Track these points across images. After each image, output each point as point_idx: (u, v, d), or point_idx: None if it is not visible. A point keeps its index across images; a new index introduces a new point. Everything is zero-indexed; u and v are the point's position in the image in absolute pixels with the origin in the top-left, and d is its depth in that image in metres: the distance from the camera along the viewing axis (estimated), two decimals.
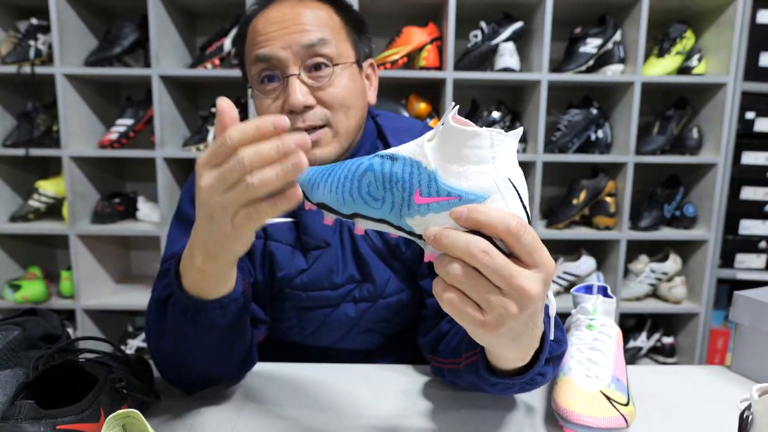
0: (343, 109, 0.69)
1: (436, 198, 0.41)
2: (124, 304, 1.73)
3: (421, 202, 0.42)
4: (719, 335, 1.82)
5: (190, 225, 0.52)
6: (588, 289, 0.75)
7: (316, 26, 0.67)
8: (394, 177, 0.43)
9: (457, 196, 0.40)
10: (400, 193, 0.43)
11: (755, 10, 1.67)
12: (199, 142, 1.69)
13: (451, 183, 0.40)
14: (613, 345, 0.66)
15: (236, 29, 0.72)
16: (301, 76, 0.67)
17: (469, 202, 0.40)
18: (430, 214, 0.41)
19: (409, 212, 0.43)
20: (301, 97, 0.66)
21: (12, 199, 1.80)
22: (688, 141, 1.75)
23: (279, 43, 0.66)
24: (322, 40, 0.67)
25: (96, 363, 0.57)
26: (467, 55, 1.68)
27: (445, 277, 0.40)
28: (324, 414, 0.65)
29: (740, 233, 1.79)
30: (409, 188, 0.42)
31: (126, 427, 0.46)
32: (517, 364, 0.50)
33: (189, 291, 0.54)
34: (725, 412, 0.66)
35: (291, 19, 0.67)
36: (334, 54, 0.68)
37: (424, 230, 0.42)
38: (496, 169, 0.40)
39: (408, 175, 0.42)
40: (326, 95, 0.68)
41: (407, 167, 0.42)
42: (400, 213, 0.43)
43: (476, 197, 0.40)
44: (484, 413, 0.65)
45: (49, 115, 1.74)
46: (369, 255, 0.76)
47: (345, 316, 0.77)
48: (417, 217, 0.42)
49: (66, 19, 1.61)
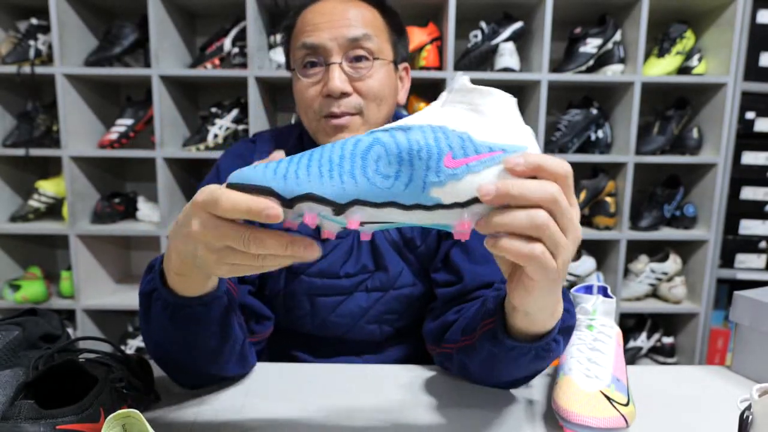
0: (376, 101, 0.74)
1: (476, 156, 0.39)
2: (124, 304, 1.73)
3: (455, 165, 0.39)
4: (719, 335, 1.82)
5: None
6: (588, 289, 0.75)
7: (362, 23, 0.72)
8: (414, 146, 0.39)
9: (501, 150, 0.39)
10: (425, 161, 0.39)
11: (755, 10, 1.67)
12: (199, 142, 1.69)
13: (488, 139, 0.39)
14: (613, 345, 0.66)
15: (285, 22, 0.79)
16: (342, 64, 0.71)
17: (514, 152, 0.39)
18: (468, 175, 0.39)
19: (438, 180, 0.39)
20: (340, 83, 0.70)
21: (12, 199, 1.80)
22: (688, 141, 1.75)
23: (326, 34, 0.70)
24: (366, 35, 0.71)
25: (96, 363, 0.57)
26: (467, 55, 1.68)
27: (516, 228, 0.39)
28: (324, 414, 0.65)
29: (740, 233, 1.79)
30: (437, 154, 0.39)
31: (126, 427, 0.46)
32: (542, 327, 0.52)
33: (171, 287, 0.54)
34: (725, 412, 0.66)
35: (339, 13, 0.71)
36: (375, 49, 0.72)
37: (455, 198, 0.39)
38: (522, 123, 0.41)
39: (434, 141, 0.39)
40: (363, 86, 0.72)
41: (429, 133, 0.39)
42: (423, 186, 0.39)
43: (518, 148, 0.39)
44: (485, 413, 0.65)
45: (49, 115, 1.74)
46: (384, 246, 0.78)
47: (356, 305, 0.79)
48: (450, 183, 0.39)
49: (66, 19, 1.61)
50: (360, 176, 0.40)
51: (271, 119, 1.82)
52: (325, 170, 0.40)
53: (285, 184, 0.40)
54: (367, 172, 0.40)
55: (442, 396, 0.69)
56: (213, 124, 1.71)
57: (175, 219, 1.33)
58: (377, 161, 0.40)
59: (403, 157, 0.39)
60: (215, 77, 1.69)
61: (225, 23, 1.74)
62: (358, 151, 0.40)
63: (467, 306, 0.70)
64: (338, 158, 0.40)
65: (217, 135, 1.71)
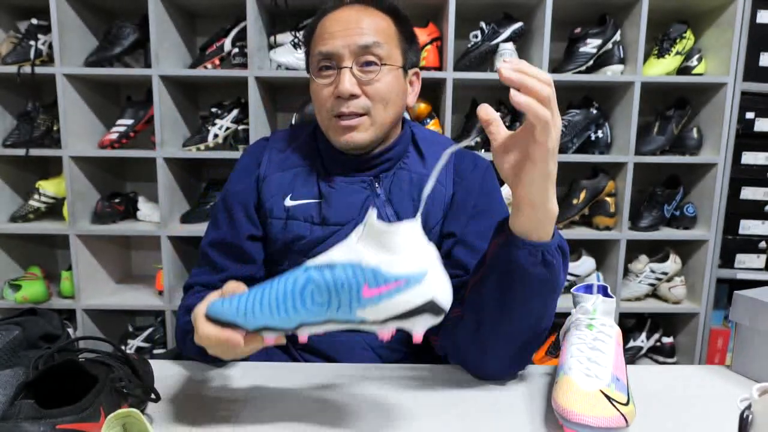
0: (383, 102, 0.80)
1: (386, 286, 0.49)
2: (124, 304, 1.73)
3: (371, 294, 0.49)
4: (719, 335, 1.82)
5: (230, 217, 0.82)
6: (588, 288, 0.75)
7: (374, 31, 0.78)
8: (339, 281, 0.50)
9: (404, 279, 0.48)
10: (347, 292, 0.50)
11: (755, 10, 1.66)
12: (200, 142, 1.69)
13: (394, 270, 0.49)
14: (613, 344, 0.66)
15: (309, 22, 0.86)
16: (353, 69, 0.77)
17: (416, 281, 0.49)
18: (383, 301, 0.49)
19: (361, 305, 0.50)
20: (349, 86, 0.76)
21: (12, 199, 1.80)
22: (688, 141, 1.75)
23: (339, 42, 0.77)
24: (377, 42, 0.77)
25: (96, 363, 0.57)
26: (467, 55, 1.68)
27: (535, 86, 0.51)
28: (324, 414, 0.65)
29: (740, 233, 1.79)
30: (356, 286, 0.49)
31: (126, 427, 0.46)
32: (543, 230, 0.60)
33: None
34: (725, 412, 0.66)
35: (354, 21, 0.78)
36: (385, 56, 0.79)
37: (375, 316, 0.50)
38: (425, 245, 0.50)
39: (353, 276, 0.50)
40: (371, 89, 0.78)
41: (349, 270, 0.50)
42: (350, 309, 0.51)
43: (418, 275, 0.49)
44: (485, 413, 0.65)
45: (49, 115, 1.74)
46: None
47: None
48: (369, 307, 0.50)
49: (66, 19, 1.61)
50: (300, 308, 0.52)
51: (271, 119, 1.82)
52: (274, 307, 0.53)
53: (245, 320, 0.54)
54: (305, 304, 0.52)
55: (442, 396, 0.69)
56: (213, 124, 1.71)
57: (175, 219, 1.45)
58: (312, 295, 0.51)
59: (331, 289, 0.50)
60: (215, 77, 1.69)
61: (225, 23, 1.73)
62: (297, 289, 0.52)
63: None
64: (282, 296, 0.52)
65: (218, 135, 1.71)
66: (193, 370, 0.77)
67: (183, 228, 1.70)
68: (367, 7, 0.81)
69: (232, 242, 0.83)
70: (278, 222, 0.83)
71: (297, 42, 1.65)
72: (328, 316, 0.52)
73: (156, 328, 1.83)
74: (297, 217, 0.82)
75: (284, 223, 0.83)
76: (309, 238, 0.82)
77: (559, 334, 0.74)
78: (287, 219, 0.83)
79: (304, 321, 0.53)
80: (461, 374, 0.76)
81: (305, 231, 0.82)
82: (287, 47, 1.65)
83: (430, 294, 0.49)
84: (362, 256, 0.50)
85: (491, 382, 0.73)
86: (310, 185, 0.84)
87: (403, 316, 0.50)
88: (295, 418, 0.64)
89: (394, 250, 0.49)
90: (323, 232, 0.82)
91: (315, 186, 0.84)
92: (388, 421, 0.63)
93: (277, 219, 0.83)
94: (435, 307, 0.50)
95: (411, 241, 0.50)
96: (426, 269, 0.49)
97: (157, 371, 0.70)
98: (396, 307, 0.49)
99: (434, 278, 0.50)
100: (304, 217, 0.82)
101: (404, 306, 0.49)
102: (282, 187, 0.84)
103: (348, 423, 0.63)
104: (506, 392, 0.71)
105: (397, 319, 0.51)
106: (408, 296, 0.49)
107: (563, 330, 0.73)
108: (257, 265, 0.85)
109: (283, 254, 0.84)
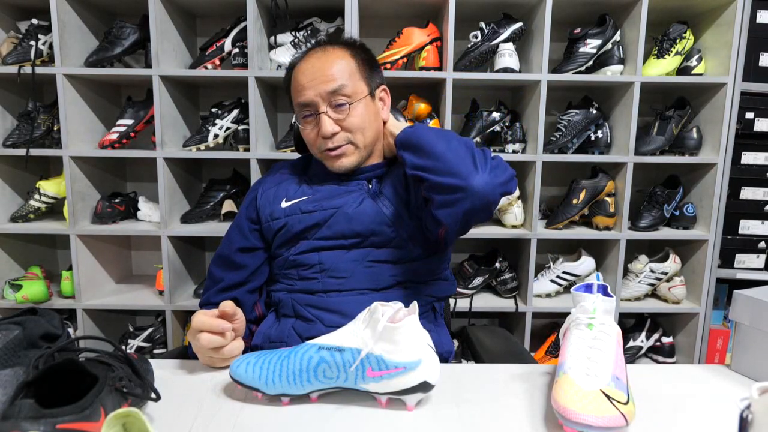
0: (360, 131, 0.94)
1: (387, 371, 0.63)
2: (124, 304, 1.73)
3: (374, 375, 0.63)
4: (719, 335, 1.82)
5: (228, 240, 1.00)
6: (588, 288, 0.75)
7: (338, 75, 0.92)
8: (347, 363, 0.64)
9: (403, 366, 0.63)
10: (354, 372, 0.64)
11: (755, 10, 1.67)
12: (200, 142, 1.69)
13: (395, 359, 0.63)
14: (613, 344, 0.66)
15: (285, 76, 1.02)
16: (328, 112, 0.92)
17: (412, 368, 0.63)
18: (384, 380, 0.63)
19: (365, 381, 0.64)
20: (329, 127, 0.92)
21: (12, 199, 1.80)
22: (688, 141, 1.75)
23: (311, 92, 0.92)
24: (342, 85, 0.91)
25: (96, 362, 0.57)
26: (467, 55, 1.68)
27: None
28: (324, 413, 0.65)
29: (740, 233, 1.79)
30: (362, 368, 0.63)
31: (126, 426, 0.46)
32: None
33: None
34: (725, 411, 0.66)
35: (319, 70, 0.92)
36: (351, 92, 0.92)
37: (377, 390, 0.64)
38: (422, 336, 0.65)
39: (359, 360, 0.63)
40: (347, 123, 0.93)
41: (357, 355, 0.63)
42: (356, 382, 0.65)
43: (416, 363, 0.63)
44: (485, 412, 0.65)
45: (49, 115, 1.74)
46: (389, 210, 0.94)
47: (357, 252, 0.94)
48: (372, 383, 0.64)
49: (66, 19, 1.61)
50: (314, 380, 0.65)
51: (271, 119, 1.82)
52: (291, 380, 0.65)
53: (266, 387, 0.66)
54: (318, 377, 0.65)
55: (442, 395, 0.69)
56: (213, 124, 1.71)
57: (175, 219, 1.53)
58: (324, 372, 0.65)
59: (340, 368, 0.64)
60: (215, 77, 1.69)
61: (225, 24, 1.74)
62: (311, 366, 0.65)
63: None
64: (298, 371, 0.65)
65: (218, 135, 1.71)
66: (193, 370, 0.77)
67: (183, 228, 1.70)
68: (326, 50, 0.95)
69: (227, 255, 0.99)
70: (279, 221, 0.96)
71: (297, 42, 1.65)
72: (336, 385, 0.66)
73: (156, 328, 1.83)
74: (295, 212, 0.96)
75: (285, 220, 0.96)
76: (308, 223, 0.94)
77: (559, 333, 0.74)
78: (287, 216, 0.96)
79: (315, 389, 0.66)
80: (461, 374, 0.76)
81: (306, 219, 0.94)
82: (287, 47, 1.65)
83: (424, 377, 0.63)
84: (368, 344, 0.63)
85: (491, 382, 0.73)
86: (302, 191, 0.99)
87: (400, 392, 0.64)
88: (295, 418, 0.64)
89: (396, 342, 0.62)
90: (322, 216, 0.94)
91: (307, 188, 0.99)
92: (388, 420, 0.63)
93: (278, 219, 0.97)
94: (427, 386, 0.64)
95: (410, 334, 0.63)
96: (421, 358, 0.63)
97: (157, 371, 0.70)
98: (395, 386, 0.63)
99: (427, 364, 0.63)
100: (301, 210, 0.95)
101: (402, 386, 0.63)
102: (278, 197, 0.99)
103: (348, 422, 0.63)
104: (506, 392, 0.71)
105: (395, 393, 0.64)
106: (405, 379, 0.63)
107: (563, 329, 0.73)
108: (248, 269, 0.98)
109: (291, 242, 0.96)
